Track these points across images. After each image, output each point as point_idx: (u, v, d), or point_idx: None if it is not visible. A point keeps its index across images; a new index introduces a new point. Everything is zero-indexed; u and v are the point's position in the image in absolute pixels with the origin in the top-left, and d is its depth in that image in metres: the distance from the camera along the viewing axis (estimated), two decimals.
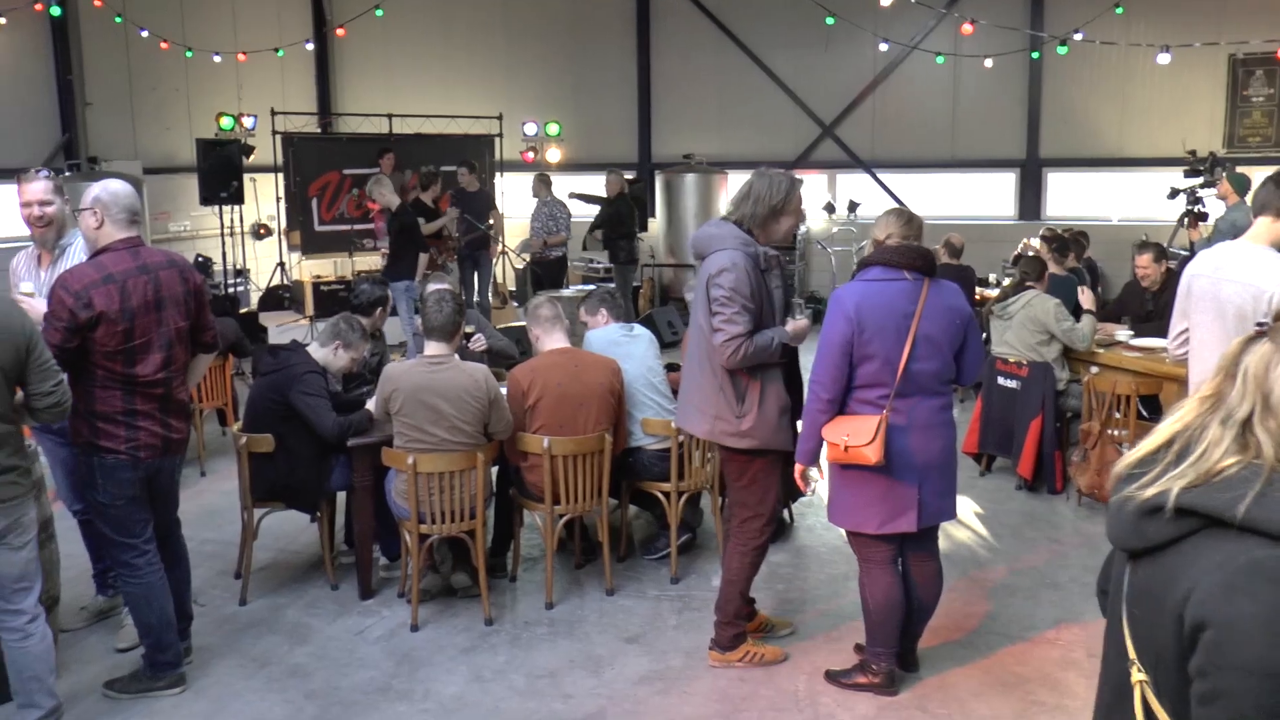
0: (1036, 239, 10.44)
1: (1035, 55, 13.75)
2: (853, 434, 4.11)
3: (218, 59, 13.77)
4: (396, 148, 13.86)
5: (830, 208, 14.67)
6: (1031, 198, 14.67)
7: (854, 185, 15.34)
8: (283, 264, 14.73)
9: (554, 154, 15.61)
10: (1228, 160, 11.11)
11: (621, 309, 6.17)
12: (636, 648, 4.92)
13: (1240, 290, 4.27)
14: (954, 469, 4.39)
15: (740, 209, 4.48)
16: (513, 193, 15.03)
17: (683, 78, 15.95)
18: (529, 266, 12.78)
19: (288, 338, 8.72)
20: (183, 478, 4.76)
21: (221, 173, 13.01)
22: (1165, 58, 11.82)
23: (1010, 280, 8.34)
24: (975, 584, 5.64)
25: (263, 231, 15.46)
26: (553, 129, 15.60)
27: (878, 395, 4.16)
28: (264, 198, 14.68)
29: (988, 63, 13.01)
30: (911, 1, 12.52)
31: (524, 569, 5.78)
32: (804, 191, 4.63)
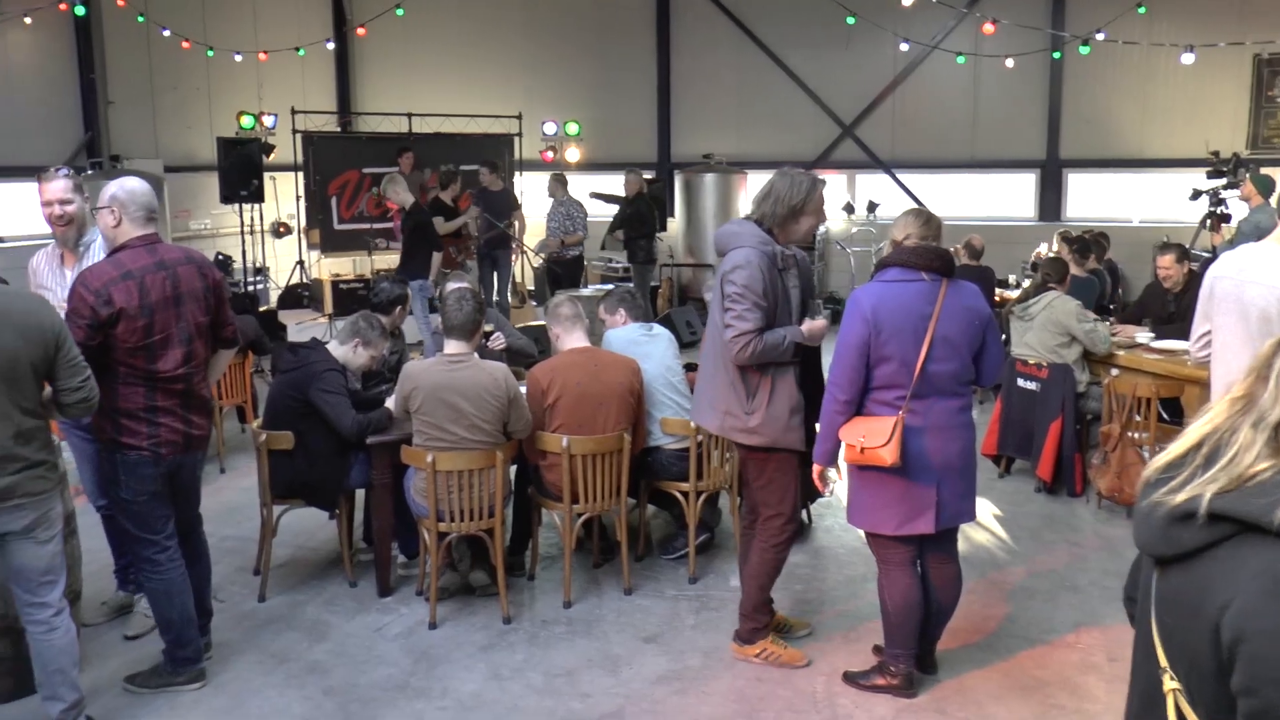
0: (1051, 244, 10.37)
1: (1056, 55, 13.69)
2: (869, 435, 4.10)
3: (239, 58, 13.82)
4: (416, 147, 13.91)
5: (849, 208, 14.64)
6: (1052, 199, 14.61)
7: (873, 185, 15.31)
8: (302, 262, 14.78)
9: (573, 153, 15.62)
10: (1251, 162, 11.05)
11: (641, 309, 6.17)
12: (654, 647, 4.92)
13: (1265, 293, 4.23)
14: (973, 470, 4.38)
15: (761, 208, 4.49)
16: (531, 192, 15.06)
17: (702, 77, 15.94)
18: (547, 266, 12.79)
19: (307, 336, 8.75)
20: (203, 474, 4.78)
21: (242, 171, 13.06)
22: (1189, 58, 11.73)
23: (1031, 282, 8.31)
24: (994, 586, 5.61)
25: (282, 230, 15.52)
26: (572, 128, 15.61)
27: (895, 396, 4.15)
28: (284, 196, 14.74)
29: (1009, 62, 12.94)
30: (933, 1, 12.47)
31: (542, 568, 5.79)
32: (824, 192, 4.62)
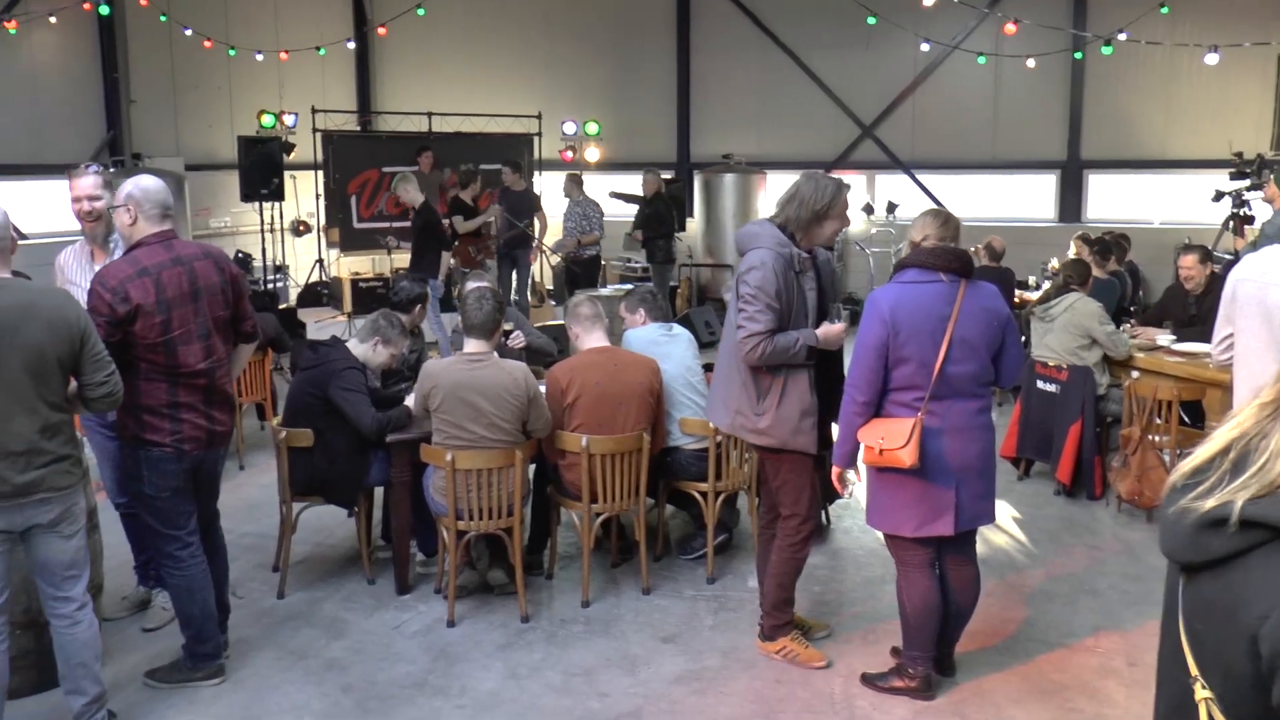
0: (1070, 248, 10.30)
1: (1078, 55, 13.61)
2: (888, 437, 4.10)
3: (260, 57, 13.89)
4: (435, 146, 13.96)
5: (869, 209, 14.60)
6: (1072, 200, 14.53)
7: (893, 186, 15.27)
8: (321, 260, 14.86)
9: (593, 153, 15.64)
10: (1276, 163, 10.94)
11: (661, 309, 6.16)
12: (672, 647, 4.92)
13: None
14: (992, 472, 4.37)
15: (785, 210, 4.49)
16: (550, 192, 15.09)
17: (722, 77, 15.93)
18: (566, 266, 12.81)
19: (326, 334, 8.79)
20: (223, 471, 4.80)
21: (262, 170, 13.13)
22: (1214, 58, 11.64)
23: (1051, 284, 8.27)
24: (1012, 589, 5.59)
25: (302, 228, 15.59)
26: (592, 128, 15.63)
27: (913, 398, 4.14)
28: (304, 195, 14.82)
29: (1030, 63, 12.87)
30: (954, 1, 12.42)
31: (560, 567, 5.80)
32: (848, 196, 4.62)
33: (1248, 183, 10.33)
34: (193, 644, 4.53)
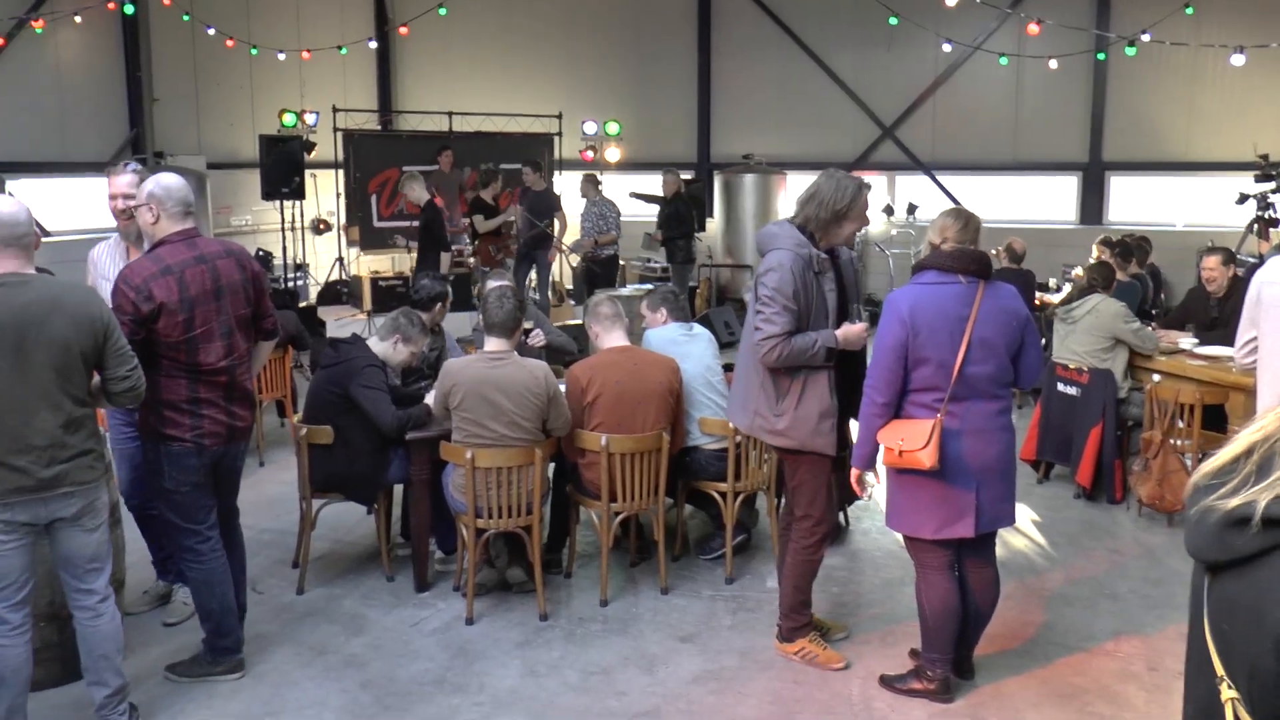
0: (1091, 252, 10.23)
1: (1101, 56, 13.53)
2: (907, 438, 4.09)
3: (281, 56, 13.95)
4: (456, 146, 14.00)
5: (889, 210, 14.56)
6: (1093, 202, 14.45)
7: (913, 187, 15.21)
8: (341, 259, 14.91)
9: (613, 153, 15.64)
10: None
11: (683, 310, 6.17)
12: (691, 647, 4.92)
13: None
14: (1013, 474, 4.35)
15: (804, 210, 4.48)
16: (570, 192, 15.11)
17: (743, 77, 15.90)
18: (586, 265, 12.82)
19: (346, 332, 8.82)
20: (243, 467, 4.82)
21: (283, 168, 13.18)
22: (1239, 59, 11.55)
23: (1073, 285, 8.22)
24: (1032, 593, 5.57)
25: (322, 227, 15.66)
26: (612, 128, 15.64)
27: (933, 399, 4.13)
28: (324, 193, 14.87)
29: (1052, 64, 12.81)
30: (976, 1, 12.38)
31: (579, 566, 5.80)
32: (868, 196, 4.60)
33: (1272, 185, 10.26)
34: (212, 638, 4.56)
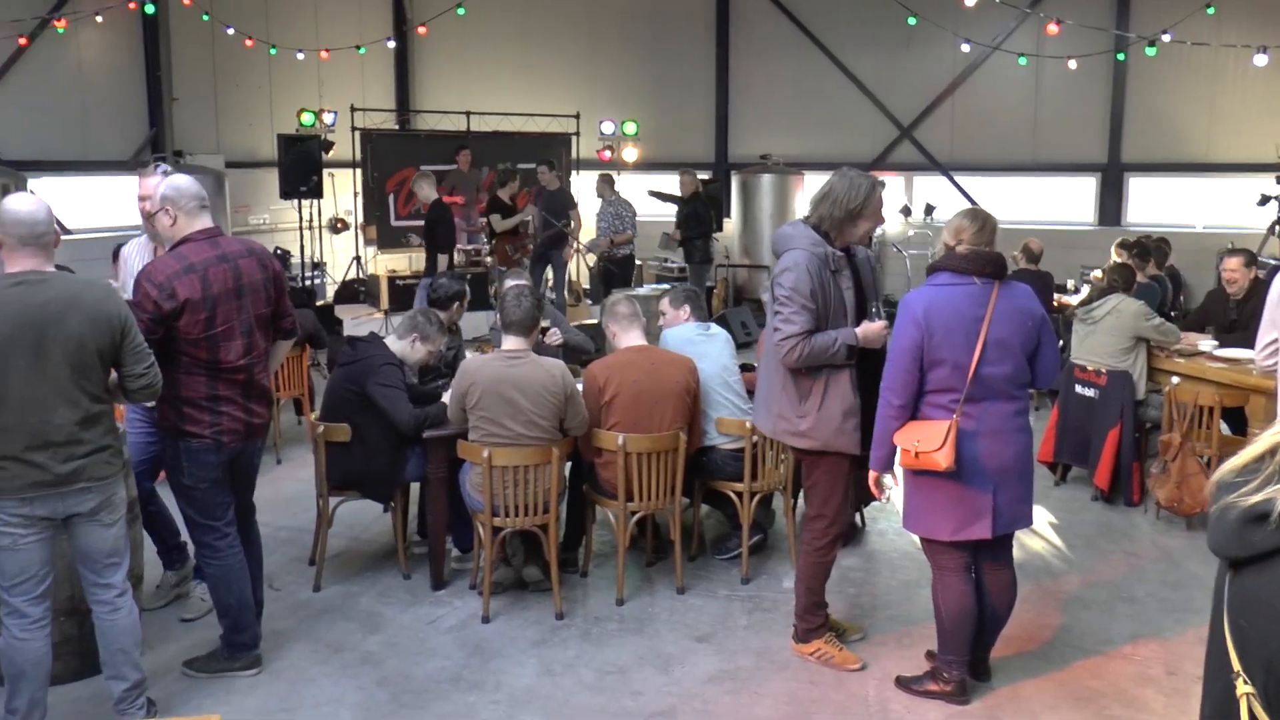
0: (1110, 255, 10.18)
1: (1120, 56, 13.46)
2: (923, 439, 4.08)
3: (300, 56, 14.00)
4: (474, 145, 14.03)
5: (906, 211, 14.52)
6: (1112, 203, 14.37)
7: (931, 188, 15.17)
8: (359, 258, 14.97)
9: (631, 153, 15.65)
10: None
11: (704, 309, 6.16)
12: (707, 647, 4.92)
13: None
14: (1030, 475, 4.33)
15: (818, 210, 4.47)
16: (588, 192, 15.13)
17: (761, 77, 15.89)
18: (603, 265, 12.83)
19: (363, 330, 8.85)
20: (260, 465, 4.84)
21: (301, 168, 13.23)
22: (1262, 59, 11.47)
23: (1093, 286, 8.19)
24: (1048, 595, 5.54)
25: (340, 226, 15.72)
26: (630, 128, 15.65)
27: (948, 400, 4.12)
28: (342, 192, 14.93)
29: (1071, 64, 12.75)
30: (995, 1, 12.33)
31: (595, 565, 5.81)
32: (882, 194, 4.59)
33: None
34: (230, 634, 4.58)
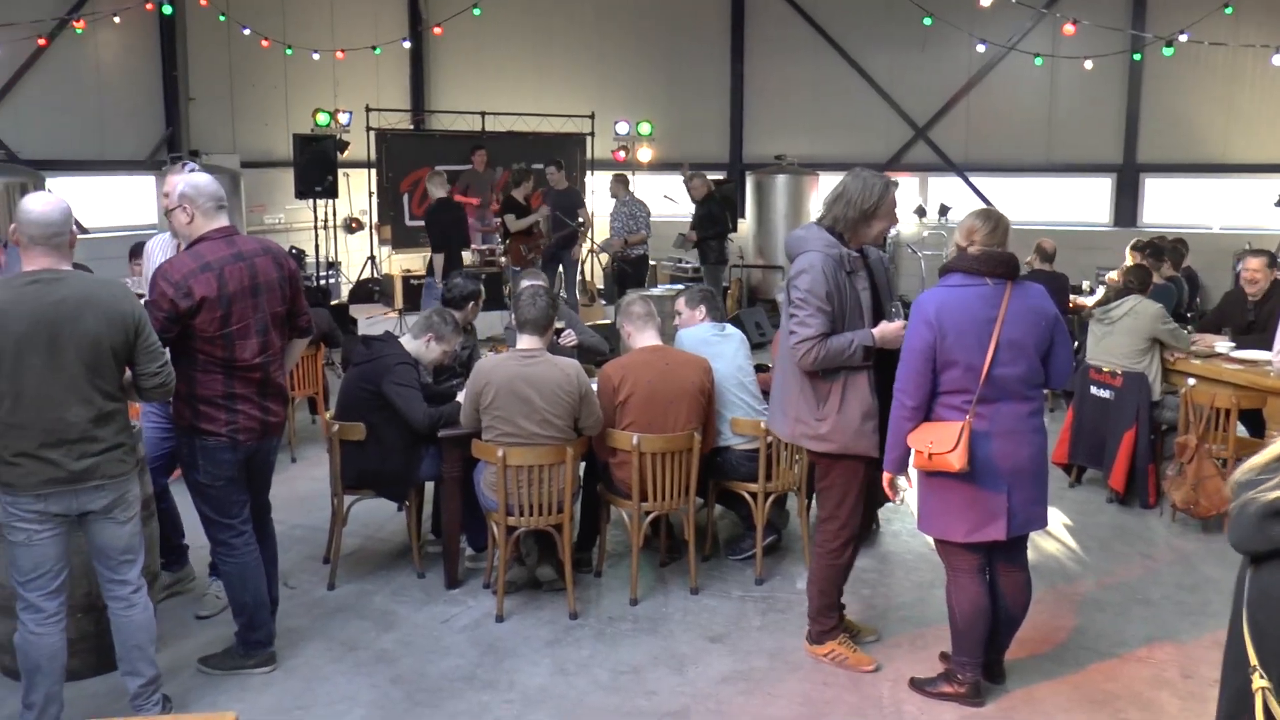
0: (1125, 258, 10.13)
1: (1137, 56, 13.40)
2: (937, 441, 4.07)
3: (316, 56, 14.05)
4: (489, 145, 14.04)
5: (921, 211, 14.49)
6: (1128, 204, 14.32)
7: (945, 188, 15.13)
8: (373, 257, 15.01)
9: (645, 153, 15.65)
10: None
11: (720, 310, 6.16)
12: (720, 647, 4.92)
13: None
14: (1045, 476, 4.31)
15: (832, 210, 4.46)
16: (603, 192, 15.14)
17: (776, 78, 15.88)
18: (617, 265, 12.84)
19: (377, 329, 8.88)
20: (275, 463, 4.86)
21: (316, 167, 13.28)
22: None
23: (1109, 287, 8.16)
24: (1063, 597, 5.53)
25: (354, 225, 15.76)
26: (644, 128, 15.65)
27: (962, 401, 4.11)
28: (357, 192, 14.98)
29: (1087, 64, 12.70)
30: (1011, 1, 12.29)
31: (609, 565, 5.81)
32: (896, 194, 4.58)
33: None
34: (245, 631, 4.60)
